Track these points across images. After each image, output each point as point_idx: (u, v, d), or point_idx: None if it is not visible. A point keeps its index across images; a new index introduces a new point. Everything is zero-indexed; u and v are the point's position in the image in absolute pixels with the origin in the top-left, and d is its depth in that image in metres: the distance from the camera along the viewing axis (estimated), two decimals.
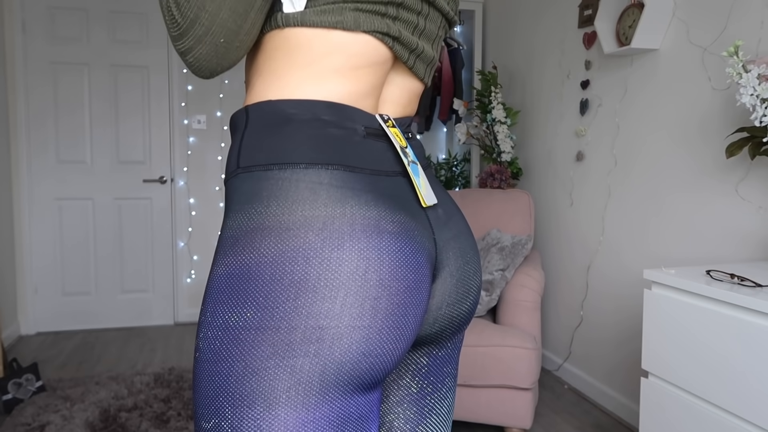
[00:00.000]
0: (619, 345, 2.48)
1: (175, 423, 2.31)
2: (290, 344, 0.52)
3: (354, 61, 0.60)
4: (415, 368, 0.72)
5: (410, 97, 0.70)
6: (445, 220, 0.68)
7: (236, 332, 0.53)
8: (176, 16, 0.55)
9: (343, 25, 0.59)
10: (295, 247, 0.53)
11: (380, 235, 0.56)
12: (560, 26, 2.90)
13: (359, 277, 0.54)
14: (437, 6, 0.66)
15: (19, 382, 2.52)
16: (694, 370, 1.36)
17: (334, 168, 0.57)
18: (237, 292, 0.54)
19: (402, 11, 0.62)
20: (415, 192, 0.64)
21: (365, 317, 0.54)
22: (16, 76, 3.46)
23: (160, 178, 3.76)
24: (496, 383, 2.13)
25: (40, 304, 3.62)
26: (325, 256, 0.53)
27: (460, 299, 0.69)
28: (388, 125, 0.63)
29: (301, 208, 0.55)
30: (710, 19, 1.99)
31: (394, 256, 0.56)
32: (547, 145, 3.02)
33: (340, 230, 0.54)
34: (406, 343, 0.58)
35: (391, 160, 0.63)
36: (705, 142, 2.03)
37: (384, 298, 0.55)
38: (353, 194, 0.57)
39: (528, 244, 2.45)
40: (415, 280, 0.58)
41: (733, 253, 1.91)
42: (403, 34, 0.63)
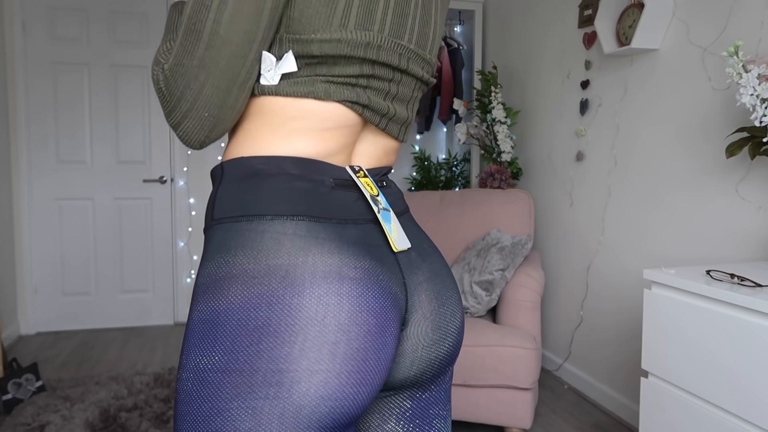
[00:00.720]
0: (619, 345, 2.48)
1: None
2: (251, 386, 0.54)
3: (324, 124, 0.64)
4: (399, 412, 0.73)
5: (385, 151, 0.73)
6: (418, 264, 0.70)
7: (205, 374, 0.56)
8: (165, 94, 0.61)
9: (315, 95, 0.62)
10: (259, 293, 0.56)
11: (341, 281, 0.58)
12: (560, 26, 2.90)
13: (318, 322, 0.56)
14: (411, 73, 0.69)
15: (19, 382, 2.52)
16: (694, 370, 1.36)
17: (299, 219, 0.60)
18: (207, 336, 0.57)
19: (373, 81, 0.65)
20: (386, 238, 0.66)
21: (323, 361, 0.55)
22: (16, 76, 3.46)
23: (160, 178, 3.76)
24: (496, 383, 2.13)
25: (40, 304, 3.62)
26: (286, 302, 0.56)
27: (437, 341, 0.70)
28: (358, 176, 0.66)
29: (265, 258, 0.57)
30: (710, 19, 1.99)
31: (354, 301, 0.58)
32: (547, 145, 3.02)
33: (302, 278, 0.57)
34: (370, 387, 0.59)
35: (362, 208, 0.65)
36: (705, 142, 2.03)
37: (343, 342, 0.56)
38: (316, 243, 0.59)
39: (528, 244, 2.45)
40: (377, 325, 0.59)
41: (733, 253, 1.91)
42: (373, 101, 0.66)
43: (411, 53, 0.68)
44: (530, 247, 2.47)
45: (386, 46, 0.64)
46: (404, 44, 0.67)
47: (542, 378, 2.89)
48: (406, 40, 0.67)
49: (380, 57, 0.64)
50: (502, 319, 2.34)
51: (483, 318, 2.43)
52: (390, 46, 0.65)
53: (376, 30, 0.63)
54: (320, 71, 0.63)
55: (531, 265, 2.45)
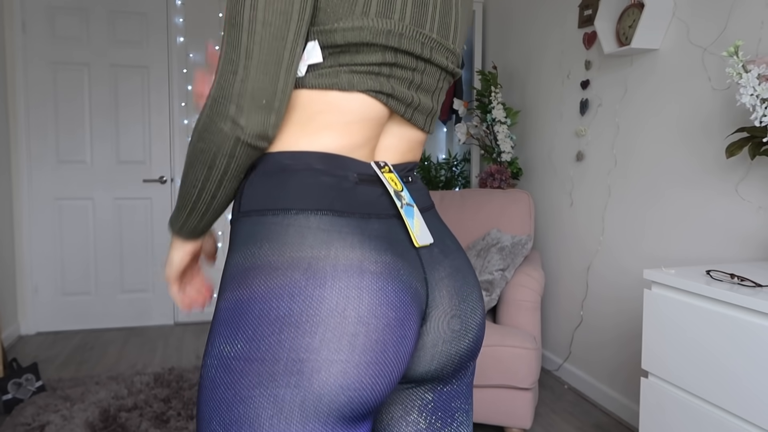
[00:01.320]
0: (619, 345, 2.48)
1: (175, 423, 2.31)
2: (273, 375, 0.57)
3: (348, 117, 0.66)
4: (421, 404, 0.74)
5: (410, 145, 0.75)
6: (440, 260, 0.71)
7: (228, 362, 0.58)
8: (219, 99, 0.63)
9: (339, 86, 0.64)
10: (281, 284, 0.59)
11: (362, 275, 0.60)
12: (560, 26, 2.90)
13: (338, 314, 0.58)
14: (434, 62, 0.70)
15: (19, 382, 2.52)
16: (694, 370, 1.36)
17: (323, 213, 0.62)
18: (231, 324, 0.59)
19: (396, 70, 0.67)
20: (409, 233, 0.68)
21: (342, 352, 0.57)
22: (16, 76, 3.46)
23: (160, 178, 3.76)
24: (496, 383, 2.13)
25: (40, 304, 3.62)
26: (308, 294, 0.58)
27: (458, 337, 0.72)
28: (383, 171, 0.68)
29: (290, 250, 0.60)
30: (710, 19, 1.99)
31: (374, 295, 0.60)
32: (547, 145, 3.02)
33: (323, 270, 0.59)
34: (388, 379, 0.61)
35: (386, 203, 0.67)
36: (705, 142, 2.03)
37: (362, 334, 0.58)
38: (339, 237, 0.61)
39: (528, 244, 2.45)
40: (397, 318, 0.61)
41: (733, 253, 1.91)
42: (397, 90, 0.68)
43: (434, 42, 0.69)
44: (530, 247, 2.47)
45: (408, 34, 0.65)
46: (426, 33, 0.68)
47: (542, 378, 2.89)
48: (427, 29, 0.68)
49: (402, 45, 0.65)
50: (502, 319, 2.34)
51: None
52: (412, 35, 0.66)
53: (397, 18, 0.64)
54: (343, 60, 0.64)
55: (531, 265, 2.45)
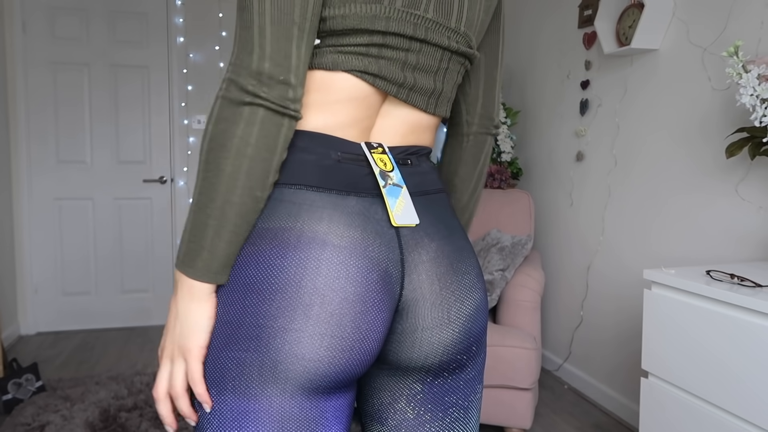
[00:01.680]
0: (619, 345, 2.48)
1: None
2: (237, 338, 0.60)
3: (333, 96, 0.67)
4: (409, 393, 0.74)
5: (412, 127, 0.74)
6: (425, 243, 0.70)
7: (215, 326, 0.63)
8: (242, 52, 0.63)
9: (323, 65, 0.66)
10: (250, 253, 0.62)
11: (323, 247, 0.62)
12: (560, 26, 2.90)
13: (295, 283, 0.60)
14: (432, 42, 0.70)
15: (19, 382, 2.52)
16: (694, 370, 1.36)
17: (297, 187, 0.64)
18: (220, 291, 0.64)
19: (385, 50, 0.67)
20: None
21: (296, 320, 0.60)
22: (16, 76, 3.46)
23: (160, 178, 3.76)
24: (496, 383, 2.13)
25: (40, 304, 3.62)
26: (270, 262, 0.61)
27: (439, 325, 0.69)
28: (375, 151, 0.69)
29: (261, 221, 0.63)
30: (710, 19, 1.99)
31: (333, 268, 0.61)
32: (547, 145, 3.02)
33: (287, 240, 0.61)
34: (348, 354, 0.61)
35: (371, 182, 0.68)
36: (705, 142, 2.03)
37: (316, 305, 0.60)
38: (308, 210, 0.63)
39: (528, 244, 2.45)
40: (356, 293, 0.62)
41: (733, 253, 1.91)
42: (385, 70, 0.67)
43: (429, 22, 0.68)
44: (530, 247, 2.47)
45: (396, 16, 0.65)
46: (419, 14, 0.67)
47: (542, 378, 2.89)
48: (422, 10, 0.67)
49: (390, 27, 0.65)
50: (502, 319, 2.34)
51: None
52: (401, 17, 0.66)
53: (387, 2, 0.64)
54: (329, 42, 0.65)
55: (531, 265, 2.45)
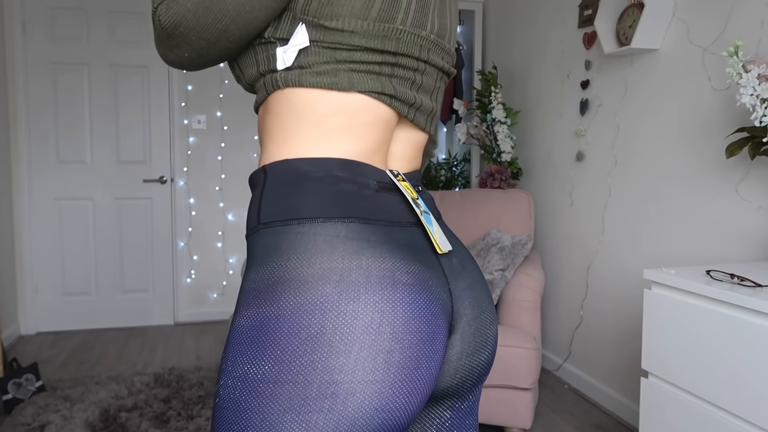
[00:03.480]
0: (619, 345, 2.48)
1: (175, 423, 2.31)
2: (306, 399, 0.52)
3: (357, 119, 0.63)
4: (439, 422, 0.71)
5: (414, 151, 0.72)
6: (459, 270, 0.69)
7: (255, 384, 0.53)
8: (156, 27, 0.61)
9: (338, 86, 0.61)
10: (313, 299, 0.54)
11: (395, 287, 0.56)
12: (560, 26, 2.90)
13: (373, 330, 0.54)
14: (432, 63, 0.69)
15: (19, 382, 2.52)
16: (694, 370, 1.36)
17: (350, 221, 0.59)
18: (257, 344, 0.54)
19: (397, 69, 0.64)
20: (430, 241, 0.65)
21: (378, 371, 0.54)
22: (16, 76, 3.46)
23: (160, 178, 3.76)
24: (496, 383, 2.13)
25: (40, 304, 3.62)
26: (341, 309, 0.54)
27: (479, 349, 0.69)
28: (398, 179, 0.65)
29: (319, 261, 0.56)
30: (710, 19, 1.99)
31: (407, 308, 0.56)
32: (547, 145, 3.02)
33: (356, 282, 0.55)
34: (420, 397, 0.57)
35: (405, 211, 0.64)
36: (705, 142, 2.03)
37: (397, 351, 0.55)
38: (369, 246, 0.58)
39: (528, 244, 2.45)
40: (429, 332, 0.58)
41: (733, 253, 1.91)
42: (399, 91, 0.65)
43: (431, 44, 0.67)
44: (530, 247, 2.47)
45: (405, 38, 0.64)
46: (425, 35, 0.66)
47: (542, 378, 2.89)
48: (427, 31, 0.66)
49: (400, 48, 0.63)
50: (502, 319, 2.34)
51: None
52: (410, 38, 0.64)
53: (399, 21, 0.62)
54: (340, 57, 0.61)
55: (531, 265, 2.45)
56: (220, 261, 3.91)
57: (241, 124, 3.88)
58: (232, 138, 3.87)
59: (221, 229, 3.90)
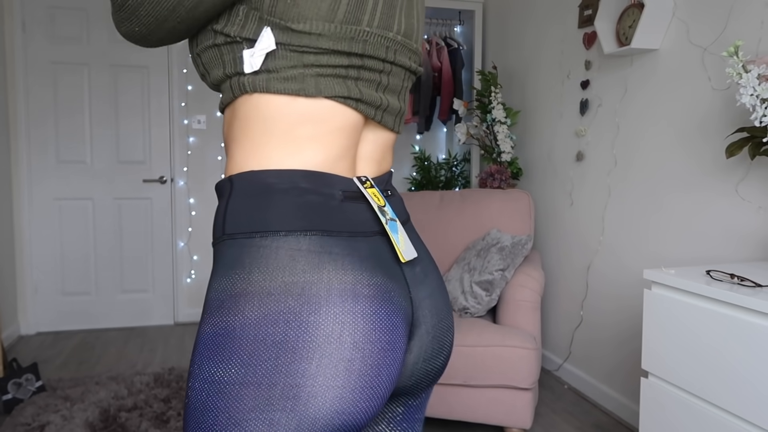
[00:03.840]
0: (619, 345, 2.48)
1: (175, 423, 2.31)
2: (269, 399, 0.56)
3: (324, 127, 0.64)
4: (390, 416, 0.76)
5: (383, 151, 0.73)
6: (422, 279, 0.71)
7: (221, 386, 0.56)
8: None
9: (305, 92, 0.62)
10: (276, 311, 0.57)
11: (355, 300, 0.59)
12: (560, 26, 2.90)
13: (334, 340, 0.57)
14: (398, 63, 0.69)
15: (19, 382, 2.52)
16: (694, 370, 1.36)
17: (312, 234, 0.60)
18: (223, 349, 0.57)
19: (363, 72, 0.65)
20: (394, 250, 0.67)
21: (339, 377, 0.57)
22: (16, 76, 3.46)
23: (160, 178, 3.76)
24: (496, 383, 2.13)
25: (40, 304, 3.62)
26: (303, 319, 0.57)
27: (435, 354, 0.72)
28: (365, 186, 0.66)
29: (281, 275, 0.58)
30: (710, 19, 1.99)
31: (368, 320, 0.59)
32: (547, 145, 3.02)
33: (318, 295, 0.58)
34: (380, 401, 0.60)
35: (370, 220, 0.65)
36: (705, 142, 2.03)
37: (358, 360, 0.58)
38: (330, 259, 0.60)
39: (528, 244, 2.45)
40: (389, 341, 0.61)
41: (733, 253, 1.91)
42: (365, 93, 0.66)
43: (398, 45, 0.68)
44: (530, 247, 2.47)
45: (372, 40, 0.64)
46: (391, 36, 0.67)
47: (542, 378, 2.89)
48: (393, 32, 0.67)
49: (366, 50, 0.64)
50: (502, 319, 2.34)
51: (483, 318, 2.43)
52: (376, 40, 0.65)
53: (366, 23, 0.63)
54: (307, 60, 0.62)
55: (531, 265, 2.45)
56: None
57: None
58: None
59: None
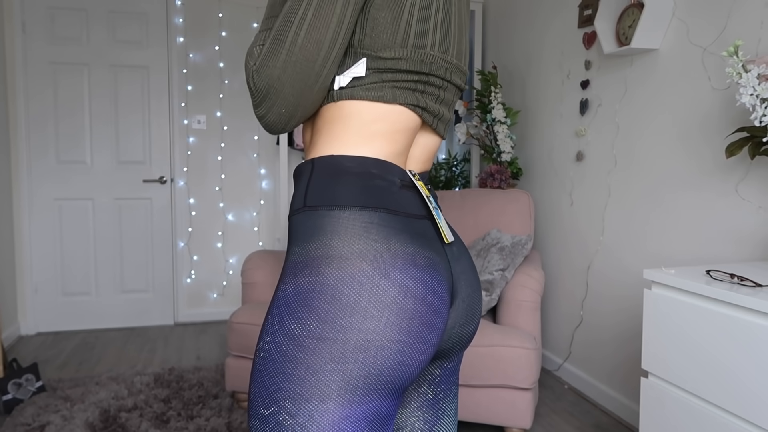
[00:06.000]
0: (619, 345, 2.48)
1: (175, 423, 2.31)
2: (344, 353, 0.65)
3: (394, 126, 0.76)
4: (431, 378, 0.86)
5: (429, 154, 0.86)
6: (458, 256, 0.82)
7: (300, 340, 0.66)
8: (253, 90, 0.73)
9: (384, 99, 0.75)
10: (352, 273, 0.67)
11: (416, 268, 0.70)
12: (560, 26, 2.90)
13: (400, 301, 0.68)
14: (452, 82, 0.83)
15: (19, 382, 2.52)
16: (694, 370, 1.36)
17: (381, 211, 0.72)
18: (303, 307, 0.67)
19: (428, 87, 0.79)
20: (438, 232, 0.78)
21: (402, 333, 0.67)
22: (16, 77, 3.46)
23: (160, 178, 3.76)
24: (496, 383, 2.13)
25: (40, 304, 3.62)
26: (375, 282, 0.67)
27: (468, 321, 0.83)
28: (415, 178, 0.79)
29: (358, 242, 0.69)
30: (710, 19, 1.99)
31: (425, 285, 0.70)
32: (547, 145, 3.02)
33: (387, 262, 0.68)
34: (429, 356, 0.71)
35: (419, 206, 0.77)
36: (705, 142, 2.03)
37: (416, 318, 0.68)
38: (395, 233, 0.71)
39: (528, 244, 2.45)
40: (439, 305, 0.71)
41: (733, 253, 1.91)
42: (428, 104, 0.79)
43: (452, 66, 0.81)
44: (530, 247, 2.47)
45: (436, 62, 0.77)
46: (448, 59, 0.80)
47: (542, 378, 2.89)
48: (450, 55, 0.80)
49: (432, 70, 0.77)
50: (502, 319, 2.34)
51: (483, 318, 2.43)
52: (438, 62, 0.78)
53: (428, 47, 0.76)
54: (386, 77, 0.75)
55: (531, 265, 2.45)
56: (220, 261, 3.91)
57: (241, 125, 3.88)
58: (232, 138, 3.87)
59: (221, 229, 3.90)
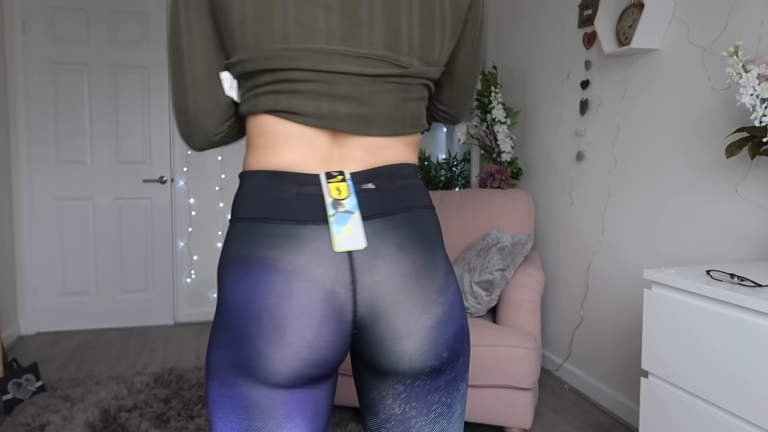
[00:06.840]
0: (619, 345, 2.48)
1: (175, 423, 2.31)
2: (222, 340, 0.76)
3: (273, 137, 0.76)
4: (393, 393, 0.82)
5: (368, 151, 0.78)
6: (377, 265, 0.75)
7: (213, 328, 0.79)
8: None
9: (249, 110, 0.76)
10: (228, 277, 0.76)
11: (271, 272, 0.73)
12: (560, 26, 2.90)
13: (250, 300, 0.74)
14: (339, 71, 0.73)
15: (19, 382, 2.52)
16: (694, 369, 1.36)
17: (255, 221, 0.75)
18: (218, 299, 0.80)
19: (294, 84, 0.73)
20: None
21: (252, 329, 0.74)
22: (16, 76, 3.46)
23: (160, 178, 3.76)
24: (496, 383, 2.13)
25: (40, 304, 3.62)
26: (234, 282, 0.75)
27: (399, 336, 0.77)
28: (335, 180, 0.75)
29: (234, 250, 0.76)
30: (710, 19, 1.99)
31: (279, 289, 0.73)
32: (547, 145, 3.02)
33: (247, 266, 0.74)
34: (297, 357, 0.73)
35: (317, 211, 0.75)
36: (705, 142, 2.03)
37: (264, 318, 0.73)
38: (267, 239, 0.74)
39: (528, 244, 2.45)
40: (300, 310, 0.73)
41: (733, 253, 1.91)
42: (296, 105, 0.73)
43: (331, 54, 0.72)
44: (530, 247, 2.47)
45: (289, 55, 0.71)
46: (317, 47, 0.72)
47: (542, 378, 2.89)
48: (321, 43, 0.72)
49: (286, 65, 0.72)
50: (502, 319, 2.34)
51: (483, 318, 2.43)
52: (295, 54, 0.71)
53: (278, 42, 0.71)
54: (249, 85, 0.76)
55: (531, 265, 2.45)
56: None
57: None
58: None
59: (221, 229, 3.90)
